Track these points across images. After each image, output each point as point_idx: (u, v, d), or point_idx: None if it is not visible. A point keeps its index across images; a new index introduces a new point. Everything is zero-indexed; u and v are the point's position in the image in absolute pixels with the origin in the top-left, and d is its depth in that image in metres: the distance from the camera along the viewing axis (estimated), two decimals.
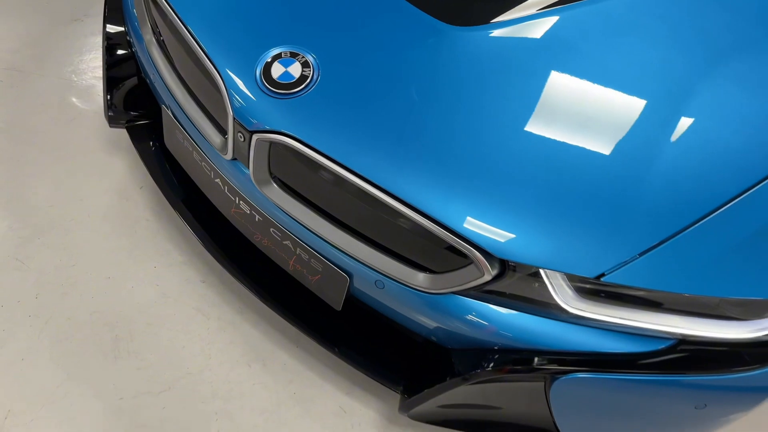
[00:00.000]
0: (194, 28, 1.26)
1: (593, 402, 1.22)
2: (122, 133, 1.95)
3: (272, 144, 1.20)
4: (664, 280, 1.09)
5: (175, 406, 1.46)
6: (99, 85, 2.09)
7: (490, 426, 1.38)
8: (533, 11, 1.28)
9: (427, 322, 1.26)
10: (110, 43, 1.71)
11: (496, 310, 1.17)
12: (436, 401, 1.30)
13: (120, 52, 1.74)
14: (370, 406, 1.55)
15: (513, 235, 1.08)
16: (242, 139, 1.22)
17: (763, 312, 1.15)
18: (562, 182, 1.11)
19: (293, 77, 1.18)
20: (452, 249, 1.13)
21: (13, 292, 1.59)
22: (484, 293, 1.18)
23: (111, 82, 1.72)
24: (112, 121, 1.72)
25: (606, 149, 1.14)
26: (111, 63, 1.70)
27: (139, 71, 1.72)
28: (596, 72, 1.22)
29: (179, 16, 1.28)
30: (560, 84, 1.20)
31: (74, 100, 2.06)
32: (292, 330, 1.63)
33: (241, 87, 1.19)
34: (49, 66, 2.14)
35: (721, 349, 1.15)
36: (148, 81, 1.60)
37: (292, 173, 1.24)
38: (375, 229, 1.21)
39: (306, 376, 1.58)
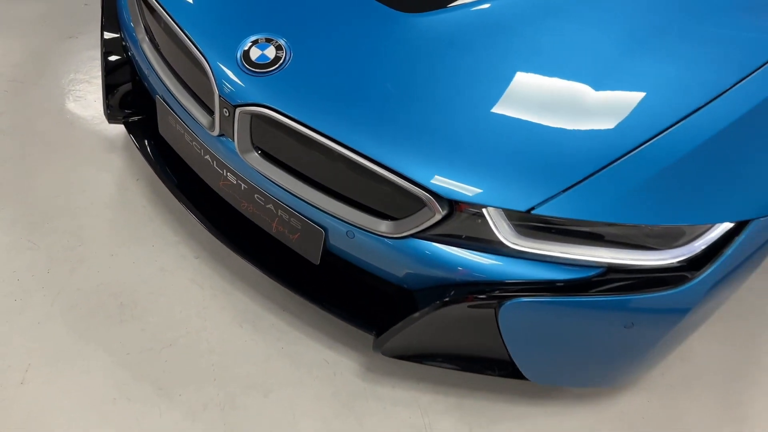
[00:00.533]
0: (183, 23, 1.48)
1: (536, 326, 1.42)
2: (118, 135, 2.16)
3: (253, 116, 1.41)
4: (585, 211, 1.30)
5: (176, 359, 1.65)
6: (94, 94, 2.30)
7: (454, 359, 1.57)
8: None
9: (393, 266, 1.46)
10: (107, 48, 1.92)
11: (448, 250, 1.38)
12: (404, 336, 1.49)
13: (114, 57, 1.94)
14: (351, 357, 1.74)
15: (456, 180, 1.29)
16: (227, 114, 1.44)
17: (674, 241, 1.36)
18: (498, 135, 1.32)
19: (269, 58, 1.40)
20: (409, 197, 1.34)
21: (27, 268, 1.78)
22: (438, 236, 1.38)
23: (109, 81, 1.92)
24: (111, 118, 1.92)
25: (536, 107, 1.35)
26: (108, 65, 1.91)
27: (134, 73, 1.93)
28: (531, 47, 1.44)
29: (169, 13, 1.50)
30: (498, 55, 1.42)
31: (72, 105, 2.26)
32: (279, 295, 1.82)
33: (224, 69, 1.41)
34: (48, 77, 2.34)
35: (641, 275, 1.36)
36: (142, 78, 1.81)
37: (271, 141, 1.45)
38: (343, 185, 1.42)
39: (292, 334, 1.77)
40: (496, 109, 1.35)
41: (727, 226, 1.35)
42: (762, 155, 1.40)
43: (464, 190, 1.29)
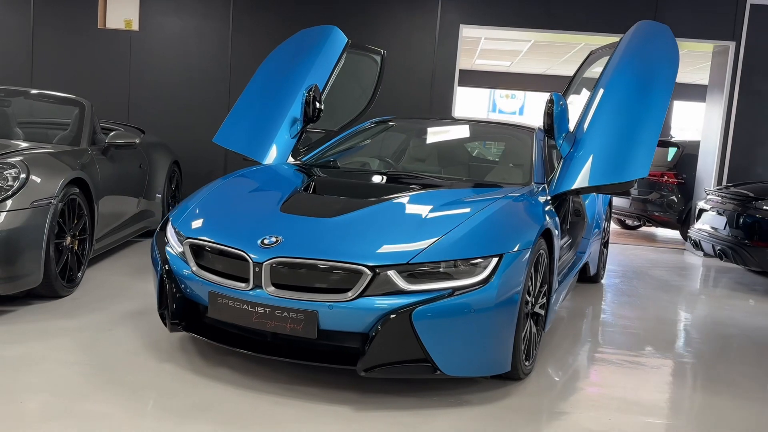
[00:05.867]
0: (225, 243, 3.11)
1: (432, 323, 2.88)
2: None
3: (271, 265, 2.96)
4: (437, 256, 2.95)
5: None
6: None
7: (401, 364, 2.92)
8: (362, 207, 3.33)
9: (356, 319, 2.90)
10: (164, 290, 3.37)
11: (381, 298, 2.90)
12: (370, 354, 2.86)
13: (171, 293, 3.37)
14: (343, 404, 2.97)
15: (371, 258, 2.91)
16: (257, 270, 2.97)
17: (474, 273, 3.00)
18: (383, 234, 3.04)
19: (273, 241, 3.04)
20: (353, 271, 2.91)
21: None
22: (373, 294, 2.90)
23: (171, 309, 3.32)
24: (173, 329, 3.28)
25: (392, 224, 3.10)
26: (169, 299, 3.34)
27: (180, 300, 3.35)
28: (394, 210, 3.25)
29: (219, 243, 3.13)
30: (377, 217, 3.21)
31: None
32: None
33: (252, 251, 3.01)
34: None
35: (466, 288, 2.96)
36: (190, 296, 3.27)
37: (279, 277, 2.98)
38: (318, 279, 2.95)
39: (299, 405, 2.97)
40: (377, 230, 3.10)
41: (495, 259, 3.05)
42: (503, 229, 3.23)
43: (376, 259, 2.91)
